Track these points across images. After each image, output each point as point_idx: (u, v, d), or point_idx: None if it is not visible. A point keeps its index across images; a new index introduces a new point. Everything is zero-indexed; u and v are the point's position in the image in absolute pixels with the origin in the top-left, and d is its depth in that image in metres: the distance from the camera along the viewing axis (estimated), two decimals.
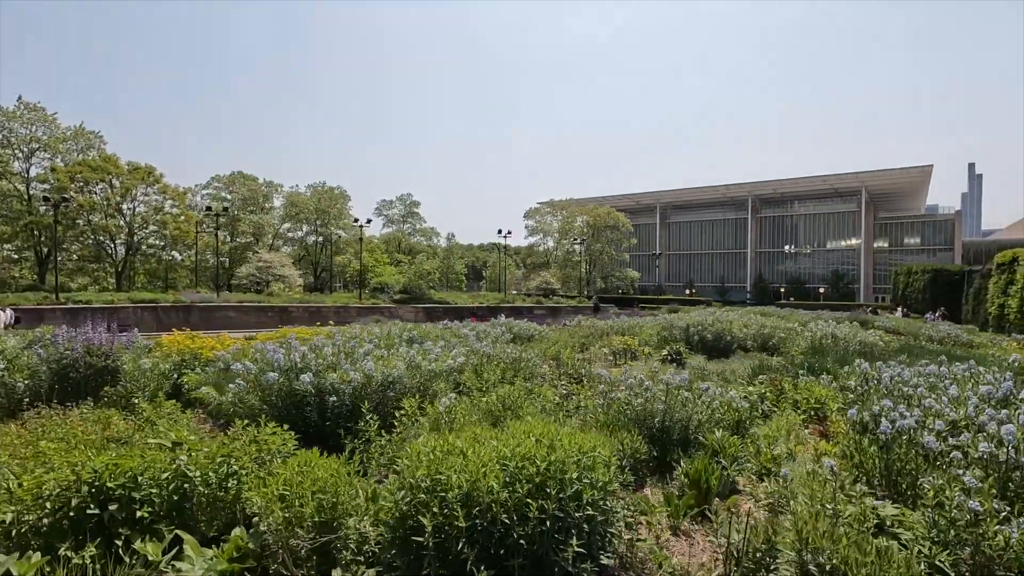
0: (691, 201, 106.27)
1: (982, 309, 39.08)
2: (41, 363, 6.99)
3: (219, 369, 7.28)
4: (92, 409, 6.56)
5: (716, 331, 12.69)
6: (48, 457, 3.69)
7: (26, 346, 8.07)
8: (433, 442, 2.92)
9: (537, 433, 3.01)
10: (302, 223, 71.43)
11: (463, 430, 3.56)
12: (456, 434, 3.15)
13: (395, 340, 8.58)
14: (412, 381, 5.36)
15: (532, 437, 2.89)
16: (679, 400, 4.84)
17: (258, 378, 5.29)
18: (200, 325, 38.06)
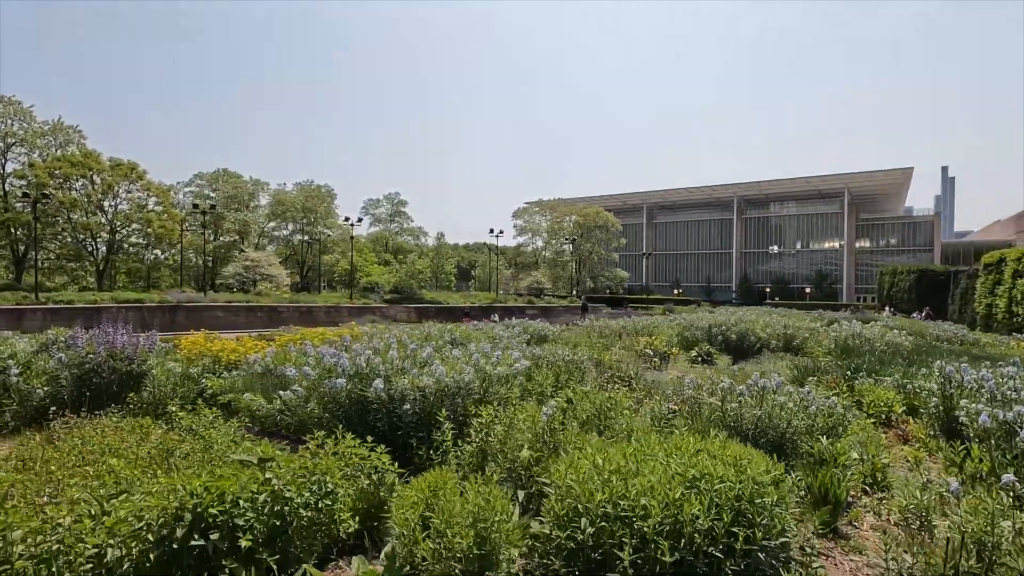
0: (677, 202, 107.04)
1: (969, 309, 39.80)
2: (62, 368, 6.48)
3: (254, 373, 6.84)
4: (121, 417, 6.10)
5: (740, 331, 12.51)
6: (120, 477, 3.28)
7: (38, 349, 7.54)
8: (588, 458, 2.59)
9: (691, 447, 2.70)
10: (288, 222, 70.26)
11: (586, 443, 3.23)
12: (598, 449, 2.82)
13: (438, 342, 8.20)
14: (479, 386, 5.01)
15: (700, 453, 2.57)
16: (775, 405, 4.57)
17: (318, 384, 4.89)
18: (187, 326, 37.05)
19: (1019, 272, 32.01)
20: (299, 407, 4.92)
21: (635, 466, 2.45)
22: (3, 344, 7.61)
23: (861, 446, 4.81)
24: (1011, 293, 32.34)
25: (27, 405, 6.40)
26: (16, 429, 6.25)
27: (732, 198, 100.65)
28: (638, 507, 2.20)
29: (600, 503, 2.27)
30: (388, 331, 10.31)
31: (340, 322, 42.18)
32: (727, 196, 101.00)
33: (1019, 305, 31.23)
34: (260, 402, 5.50)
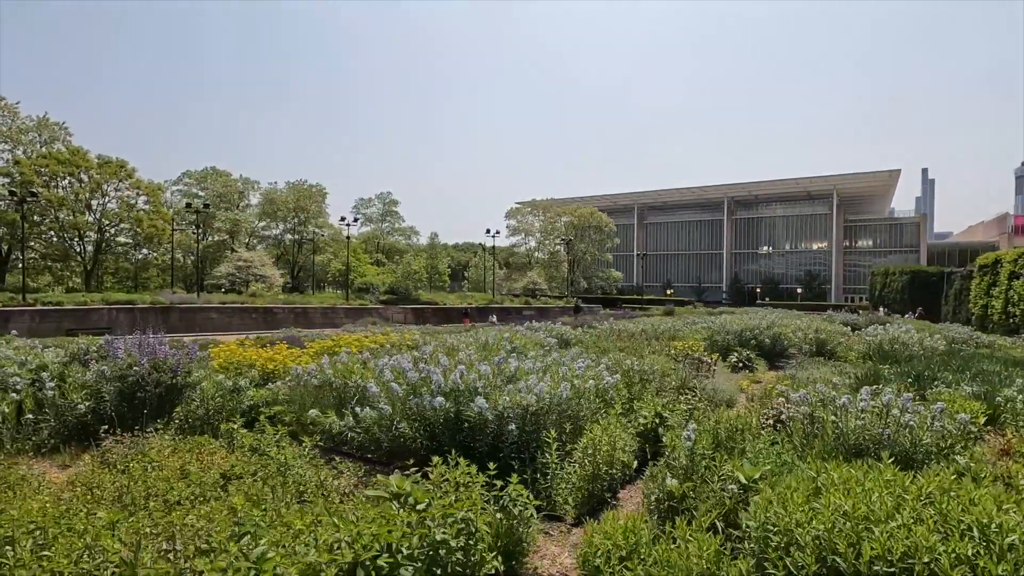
0: (668, 202, 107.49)
1: (963, 309, 40.32)
2: (103, 381, 6.05)
3: (306, 385, 6.46)
4: (170, 434, 5.70)
5: (773, 335, 12.34)
6: (248, 524, 2.92)
7: (69, 359, 7.08)
8: (802, 497, 2.29)
9: (903, 479, 2.42)
10: (279, 221, 69.25)
11: (738, 470, 2.94)
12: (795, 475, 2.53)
13: (496, 352, 7.86)
14: (576, 403, 4.71)
15: (945, 494, 2.29)
16: (898, 421, 4.32)
17: (406, 401, 4.54)
18: (180, 327, 36.23)
19: (1015, 273, 32.43)
20: (384, 427, 4.56)
21: (879, 509, 2.15)
22: (29, 353, 7.15)
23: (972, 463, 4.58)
24: (1007, 294, 32.75)
25: (65, 421, 5.96)
26: (55, 448, 5.81)
27: (722, 199, 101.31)
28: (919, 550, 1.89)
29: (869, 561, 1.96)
30: (433, 338, 9.95)
31: (337, 323, 41.59)
32: (717, 197, 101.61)
33: (1015, 306, 31.63)
34: (332, 419, 5.13)
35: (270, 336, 26.11)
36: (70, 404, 5.90)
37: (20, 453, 5.67)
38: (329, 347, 8.98)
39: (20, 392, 6.09)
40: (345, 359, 6.72)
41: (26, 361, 6.80)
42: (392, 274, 50.37)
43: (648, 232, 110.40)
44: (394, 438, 4.51)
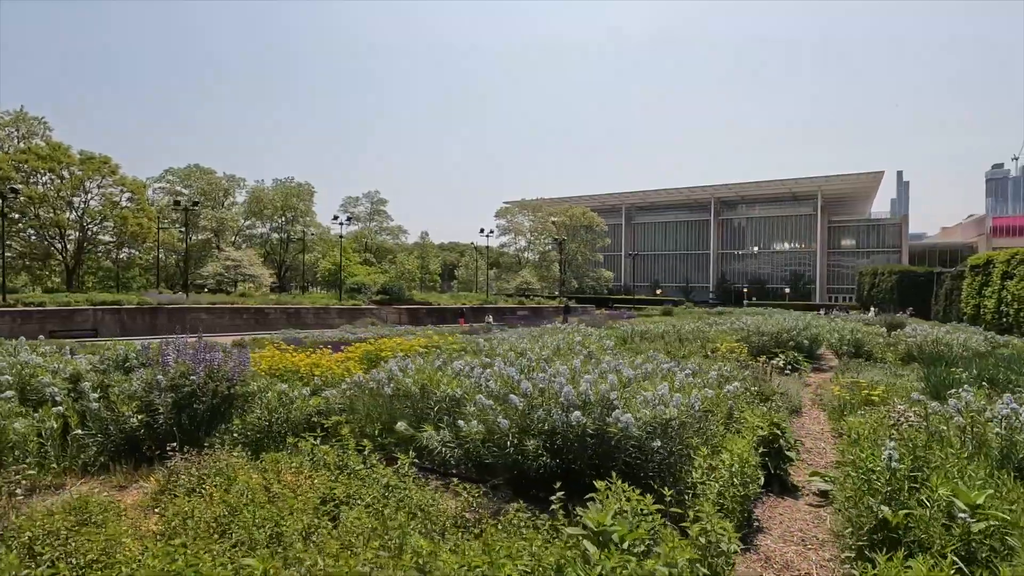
0: (656, 203, 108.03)
1: (954, 309, 40.94)
2: (155, 391, 5.51)
3: (371, 393, 5.98)
4: (238, 451, 5.19)
5: (811, 336, 12.13)
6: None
7: (107, 368, 6.50)
8: None
9: None
10: (266, 220, 67.94)
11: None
12: None
13: (567, 353, 7.42)
14: (689, 420, 4.33)
15: None
16: None
17: (527, 415, 4.09)
18: (168, 329, 35.12)
19: (1008, 274, 32.94)
20: (497, 444, 4.11)
21: None
22: (59, 360, 6.55)
23: None
24: (1000, 294, 33.25)
25: (114, 436, 5.41)
26: (104, 467, 5.25)
27: (709, 199, 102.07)
28: None
29: None
30: (487, 340, 9.49)
31: (330, 324, 40.78)
32: (704, 197, 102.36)
33: (1009, 306, 32.12)
34: (428, 434, 4.66)
35: (270, 338, 25.33)
36: (119, 417, 5.35)
37: (67, 473, 5.12)
38: (370, 351, 8.47)
39: (60, 404, 5.52)
40: (410, 366, 6.24)
41: (59, 369, 6.22)
42: (385, 274, 49.63)
43: (636, 232, 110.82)
44: (505, 456, 4.07)
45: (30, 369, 6.11)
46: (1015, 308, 31.73)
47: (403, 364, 6.12)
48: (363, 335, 25.05)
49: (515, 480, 4.19)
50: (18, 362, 6.12)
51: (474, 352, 7.93)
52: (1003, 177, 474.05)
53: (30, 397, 5.89)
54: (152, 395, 5.50)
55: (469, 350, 8.38)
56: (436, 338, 10.44)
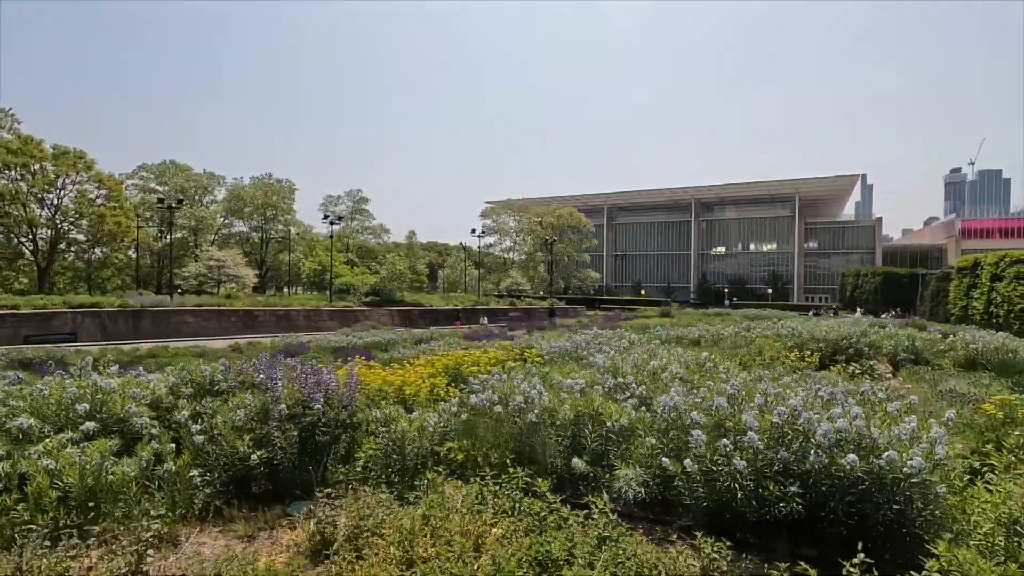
0: (637, 203, 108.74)
1: (941, 310, 41.95)
2: (271, 421, 4.81)
3: (526, 423, 5.37)
4: (387, 494, 4.55)
5: (869, 343, 11.90)
6: None
7: (193, 392, 5.76)
8: None
9: None
10: (246, 218, 65.95)
11: None
12: None
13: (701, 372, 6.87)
14: None
15: None
16: None
17: (762, 456, 3.55)
18: (152, 333, 33.55)
19: (997, 276, 33.82)
20: (730, 486, 3.56)
21: None
22: (131, 384, 5.78)
23: None
24: (989, 295, 34.12)
25: (222, 473, 4.70)
26: (217, 511, 4.54)
27: (690, 201, 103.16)
28: None
29: None
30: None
31: (322, 327, 39.59)
32: (685, 199, 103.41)
33: (999, 307, 32.97)
34: (626, 474, 4.06)
35: (269, 342, 24.23)
36: (231, 453, 4.64)
37: (182, 521, 4.39)
38: (450, 365, 7.83)
39: (156, 438, 4.79)
40: (538, 387, 5.64)
41: (137, 395, 5.45)
42: (375, 275, 48.51)
43: (617, 232, 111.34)
44: (725, 498, 3.53)
45: (104, 395, 5.32)
46: (1005, 309, 32.59)
47: (532, 384, 5.53)
48: (369, 339, 24.16)
49: (714, 524, 3.71)
50: (89, 386, 5.33)
51: (565, 366, 7.36)
52: (960, 181, 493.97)
53: (111, 428, 5.12)
54: (266, 426, 4.80)
55: (555, 363, 7.81)
56: (514, 350, 9.75)
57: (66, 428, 5.04)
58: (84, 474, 4.27)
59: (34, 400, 5.22)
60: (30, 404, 5.20)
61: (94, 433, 4.91)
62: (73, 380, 5.47)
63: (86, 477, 4.27)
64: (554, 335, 15.52)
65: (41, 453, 4.61)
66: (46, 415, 5.13)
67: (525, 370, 7.51)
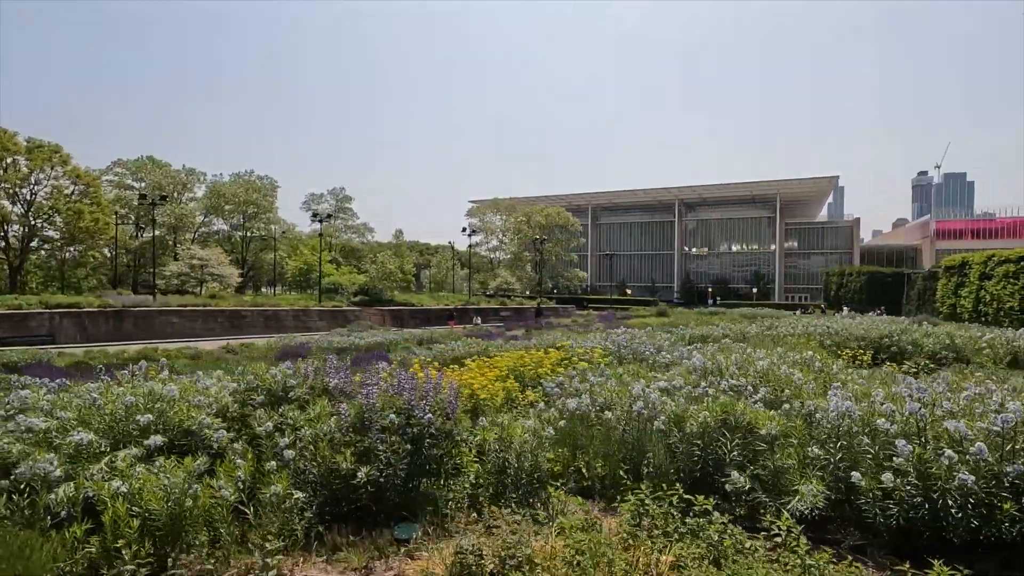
0: (621, 204, 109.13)
1: (927, 308, 42.69)
2: (372, 433, 4.22)
3: (651, 431, 4.86)
4: (527, 519, 4.01)
5: (911, 340, 11.70)
6: None
7: (264, 399, 5.14)
8: None
9: None
10: (226, 216, 64.18)
11: None
12: None
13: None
14: None
15: None
16: None
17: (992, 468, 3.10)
18: (135, 334, 32.20)
19: (985, 275, 34.48)
20: (945, 504, 3.10)
21: None
22: (190, 391, 5.13)
23: None
24: (978, 294, 34.76)
25: (319, 493, 4.09)
26: (319, 536, 3.93)
27: (673, 201, 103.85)
28: None
29: None
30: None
31: (311, 327, 38.54)
32: (669, 199, 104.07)
33: (988, 305, 33.60)
34: (812, 488, 3.57)
35: (264, 343, 23.30)
36: (331, 470, 4.04)
37: (283, 551, 3.77)
38: (512, 366, 7.27)
39: (241, 454, 4.17)
40: (659, 396, 5.14)
41: (202, 402, 4.80)
42: (364, 274, 47.51)
43: (602, 232, 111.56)
44: (933, 516, 3.07)
45: (164, 404, 4.66)
46: (994, 307, 33.23)
47: (656, 388, 5.02)
48: (370, 340, 23.38)
49: (895, 543, 3.28)
50: (145, 393, 4.67)
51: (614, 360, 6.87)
52: (927, 184, 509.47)
53: (178, 441, 4.47)
54: (366, 438, 4.21)
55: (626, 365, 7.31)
56: (579, 349, 9.17)
57: (126, 443, 4.38)
58: (169, 498, 3.64)
59: (84, 410, 4.54)
60: (79, 415, 4.52)
61: (159, 449, 4.28)
62: (126, 387, 4.79)
63: (170, 502, 3.64)
64: (575, 335, 15.05)
65: (106, 473, 3.97)
66: (98, 427, 4.45)
67: (597, 371, 7.00)
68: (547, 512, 4.13)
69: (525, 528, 3.77)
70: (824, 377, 5.73)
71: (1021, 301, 31.22)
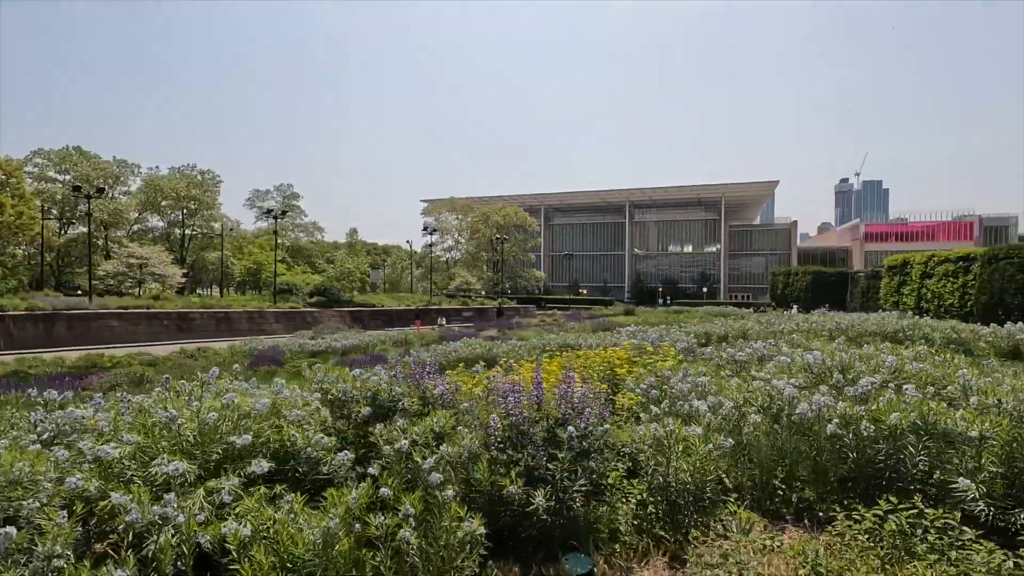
0: (573, 204, 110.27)
1: (871, 305, 45.17)
2: (525, 450, 3.57)
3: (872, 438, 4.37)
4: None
5: (923, 334, 11.95)
6: None
7: (371, 414, 4.38)
8: None
9: None
10: (165, 212, 60.07)
11: None
12: None
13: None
14: None
15: None
16: None
17: None
18: (69, 340, 29.30)
19: (927, 274, 36.76)
20: None
21: None
22: (281, 403, 4.30)
23: None
24: (920, 292, 37.02)
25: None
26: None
27: (624, 202, 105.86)
28: None
29: None
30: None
31: (267, 330, 36.41)
32: (619, 201, 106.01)
33: (929, 303, 35.82)
34: None
35: (227, 346, 21.54)
36: (494, 496, 3.37)
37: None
38: (577, 365, 6.68)
39: (376, 479, 3.43)
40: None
41: (299, 417, 3.98)
42: (320, 275, 45.46)
43: (555, 233, 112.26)
44: None
45: (253, 420, 3.81)
46: (935, 304, 35.48)
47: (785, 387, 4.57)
48: (345, 343, 22.16)
49: None
50: (229, 408, 3.81)
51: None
52: (848, 190, 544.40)
53: (285, 467, 3.66)
54: (524, 455, 3.54)
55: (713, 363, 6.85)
56: (621, 351, 8.59)
57: (209, 469, 3.54)
58: (323, 543, 2.89)
59: (159, 430, 3.64)
60: (152, 437, 3.62)
61: (264, 476, 3.48)
62: (205, 400, 3.90)
63: (327, 546, 2.88)
64: (578, 333, 14.61)
65: (209, 510, 3.15)
66: (178, 450, 3.58)
67: (680, 371, 6.52)
68: (716, 534, 3.60)
69: (756, 552, 3.23)
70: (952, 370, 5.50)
71: (960, 298, 33.49)
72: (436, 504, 3.24)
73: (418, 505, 3.03)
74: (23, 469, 2.97)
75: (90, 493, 3.00)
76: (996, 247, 33.45)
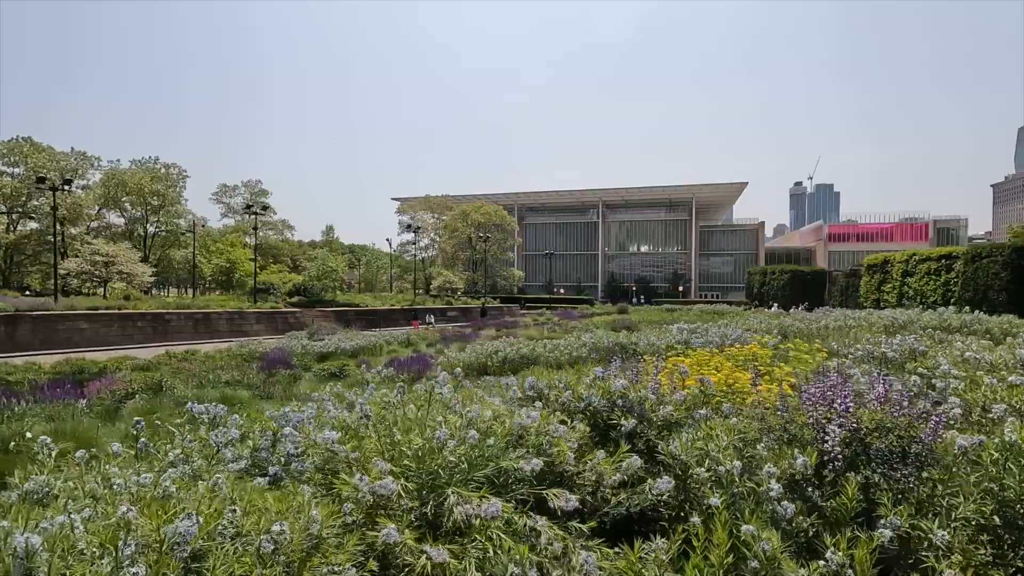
0: (547, 204, 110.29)
1: (851, 304, 46.34)
2: (869, 466, 2.91)
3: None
4: None
5: (960, 324, 11.88)
6: None
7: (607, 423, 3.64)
8: None
9: None
10: (126, 208, 56.79)
11: None
12: None
13: None
14: None
15: None
16: None
17: None
18: (34, 343, 27.07)
19: (908, 272, 37.87)
20: None
21: None
22: (496, 420, 3.51)
23: None
24: (901, 289, 38.11)
25: None
26: None
27: (597, 203, 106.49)
28: None
29: None
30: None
31: (247, 331, 34.61)
32: (592, 201, 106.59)
33: (911, 300, 36.88)
34: None
35: (215, 349, 20.06)
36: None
37: None
38: (719, 365, 6.05)
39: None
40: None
41: (561, 433, 3.22)
42: (300, 274, 43.67)
43: (528, 232, 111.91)
44: None
45: (528, 437, 3.04)
46: (918, 301, 36.56)
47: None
48: (355, 343, 20.98)
49: None
50: (496, 417, 3.03)
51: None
52: (802, 193, 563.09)
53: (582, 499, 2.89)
54: (859, 474, 2.88)
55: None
56: (802, 349, 7.94)
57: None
58: None
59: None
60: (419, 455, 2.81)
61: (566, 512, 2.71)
62: (466, 411, 3.11)
63: None
64: (602, 332, 14.03)
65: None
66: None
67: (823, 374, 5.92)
68: None
69: None
70: None
71: (943, 295, 34.61)
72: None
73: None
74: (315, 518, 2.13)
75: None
76: (978, 245, 34.68)
